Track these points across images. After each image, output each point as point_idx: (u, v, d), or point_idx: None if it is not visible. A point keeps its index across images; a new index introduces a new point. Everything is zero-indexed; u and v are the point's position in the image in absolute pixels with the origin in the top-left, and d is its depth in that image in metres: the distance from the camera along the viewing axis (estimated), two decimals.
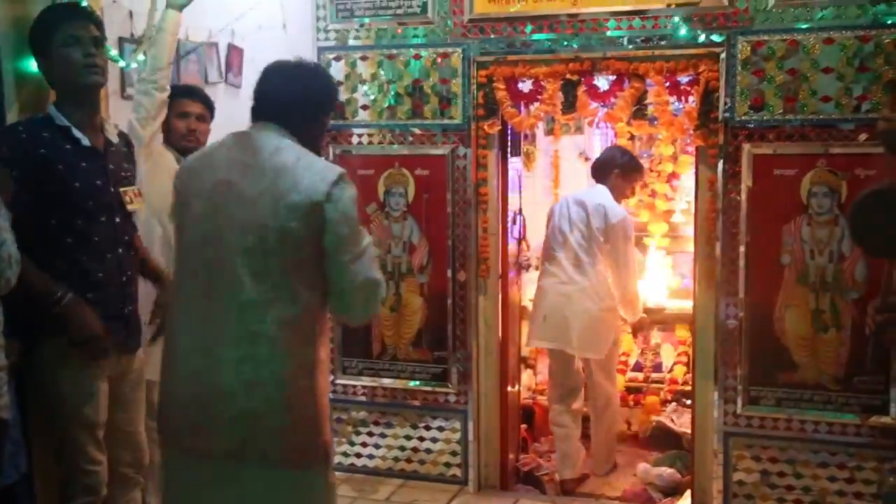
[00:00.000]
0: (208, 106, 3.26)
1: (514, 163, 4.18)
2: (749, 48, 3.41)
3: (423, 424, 4.02)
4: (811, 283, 3.40)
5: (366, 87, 3.93)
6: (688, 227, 5.11)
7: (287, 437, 2.04)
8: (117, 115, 2.85)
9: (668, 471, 4.21)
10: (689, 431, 3.95)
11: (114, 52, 3.03)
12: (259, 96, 2.18)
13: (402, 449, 4.05)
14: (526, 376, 5.01)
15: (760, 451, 3.53)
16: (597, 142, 5.93)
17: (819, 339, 3.41)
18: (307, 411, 2.07)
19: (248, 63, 3.97)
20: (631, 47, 3.57)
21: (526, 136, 5.07)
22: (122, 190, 2.54)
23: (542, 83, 3.72)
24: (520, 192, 4.31)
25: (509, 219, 4.08)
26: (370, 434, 4.09)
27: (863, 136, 3.30)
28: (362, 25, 3.91)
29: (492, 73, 3.75)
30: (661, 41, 3.53)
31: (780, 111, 3.40)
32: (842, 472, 3.43)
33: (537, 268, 4.54)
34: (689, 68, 3.51)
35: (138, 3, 3.23)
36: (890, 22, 3.25)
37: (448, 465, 4.00)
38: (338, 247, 2.03)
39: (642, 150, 5.55)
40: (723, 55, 3.44)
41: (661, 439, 4.67)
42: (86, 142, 2.44)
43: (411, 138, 3.91)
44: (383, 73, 3.89)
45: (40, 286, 2.31)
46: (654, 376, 5.10)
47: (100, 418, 2.48)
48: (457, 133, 3.84)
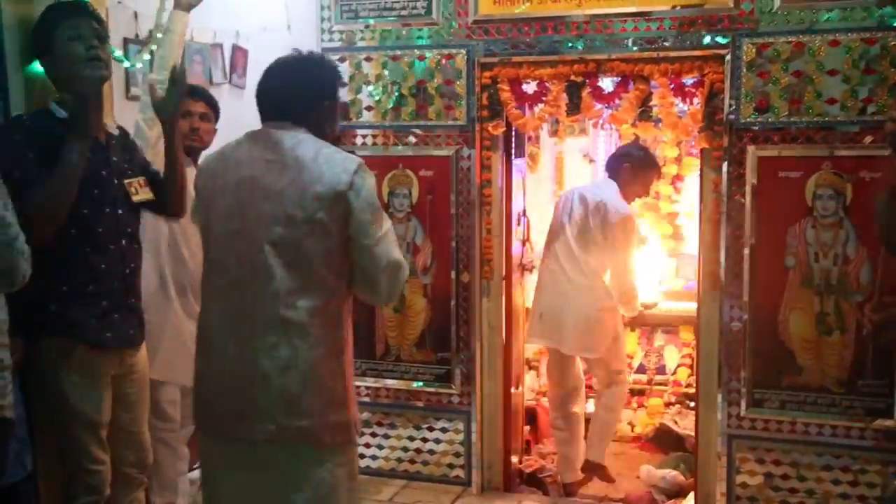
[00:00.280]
0: (212, 105, 3.24)
1: (518, 164, 4.18)
2: (754, 50, 3.40)
3: (426, 425, 4.01)
4: (815, 286, 3.40)
5: (370, 87, 3.92)
6: (692, 229, 5.11)
7: (321, 417, 2.15)
8: (121, 116, 2.85)
9: (671, 473, 4.20)
10: (693, 434, 3.94)
11: (118, 53, 3.04)
12: (261, 97, 2.25)
13: (406, 450, 4.05)
14: (529, 378, 5.01)
15: (764, 454, 3.52)
16: (601, 143, 5.93)
17: (823, 342, 3.40)
18: (337, 391, 2.19)
19: (252, 64, 3.99)
20: (636, 49, 3.56)
21: (530, 138, 5.07)
22: (126, 182, 2.53)
23: (547, 84, 3.71)
24: (524, 194, 4.31)
25: (513, 220, 4.07)
26: (373, 435, 4.09)
27: (868, 139, 3.30)
28: (367, 26, 3.91)
29: (496, 75, 3.75)
30: (666, 43, 3.52)
31: (786, 113, 3.39)
32: (846, 476, 3.42)
33: None
34: (693, 70, 3.50)
35: (143, 5, 3.25)
36: (895, 24, 3.25)
37: (451, 466, 4.00)
38: (362, 232, 2.13)
39: None
40: (728, 57, 3.43)
41: (664, 441, 4.68)
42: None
43: (415, 139, 3.90)
44: (388, 74, 3.89)
45: None
46: (658, 378, 5.13)
47: (102, 418, 2.47)
48: (461, 134, 3.83)
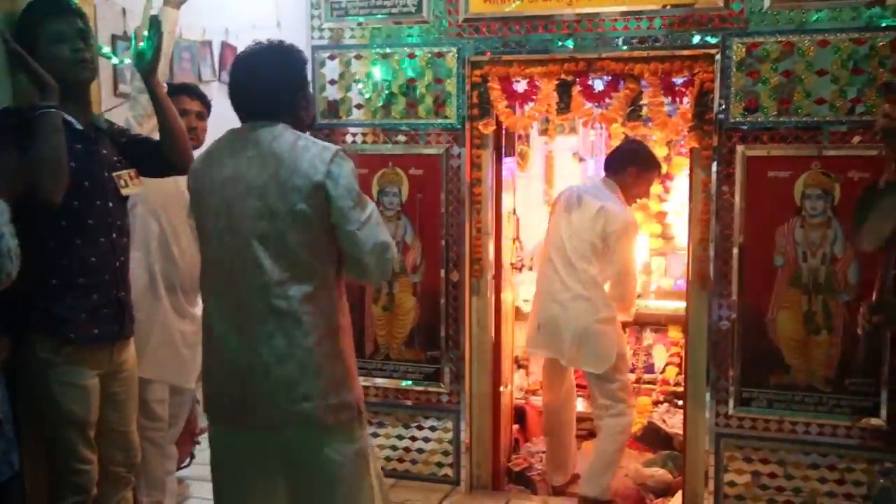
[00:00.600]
0: (205, 103, 3.25)
1: (508, 163, 4.17)
2: (744, 50, 3.41)
3: (415, 424, 4.01)
4: (804, 285, 3.41)
5: (360, 86, 3.91)
6: (681, 229, 5.13)
7: (323, 399, 2.21)
8: (110, 112, 2.84)
9: (659, 471, 4.22)
10: (681, 432, 3.95)
11: (106, 50, 3.02)
12: (234, 96, 2.28)
13: (395, 448, 4.04)
14: (518, 376, 5.01)
15: (752, 453, 3.54)
16: (591, 142, 5.94)
17: (811, 341, 3.42)
18: (336, 374, 2.25)
19: None
20: (626, 48, 3.57)
21: (520, 136, 5.07)
22: (115, 175, 2.52)
23: (537, 83, 3.71)
24: (514, 193, 4.30)
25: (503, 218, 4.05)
26: None
27: (857, 139, 3.32)
28: (357, 24, 3.90)
29: (486, 73, 3.75)
30: (656, 42, 3.53)
31: (775, 113, 3.41)
32: (832, 474, 3.44)
33: (531, 268, 4.49)
34: (683, 70, 3.51)
35: (131, 1, 3.23)
36: (884, 24, 3.26)
37: (440, 464, 4.00)
38: (344, 219, 2.18)
39: None
40: (717, 57, 3.44)
41: (652, 440, 4.68)
42: (78, 125, 2.43)
43: (405, 138, 3.90)
44: (378, 73, 3.88)
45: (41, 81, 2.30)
46: (647, 377, 5.14)
47: (90, 417, 2.46)
48: (451, 133, 3.83)
